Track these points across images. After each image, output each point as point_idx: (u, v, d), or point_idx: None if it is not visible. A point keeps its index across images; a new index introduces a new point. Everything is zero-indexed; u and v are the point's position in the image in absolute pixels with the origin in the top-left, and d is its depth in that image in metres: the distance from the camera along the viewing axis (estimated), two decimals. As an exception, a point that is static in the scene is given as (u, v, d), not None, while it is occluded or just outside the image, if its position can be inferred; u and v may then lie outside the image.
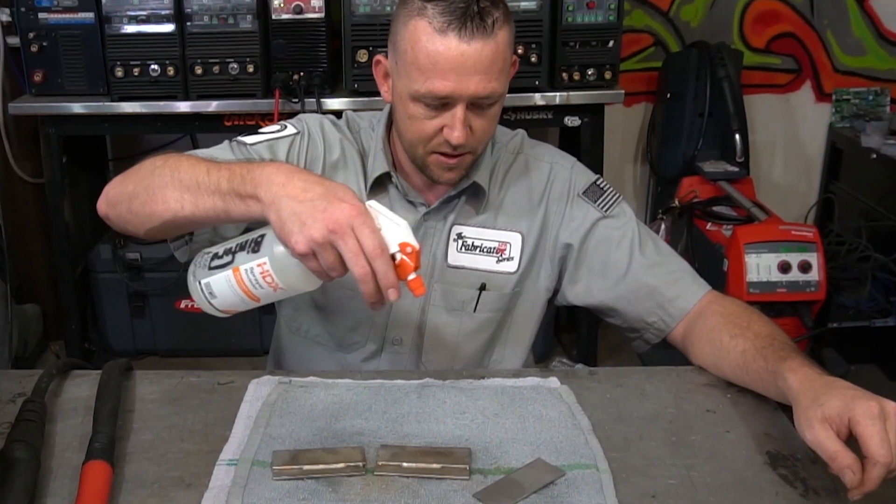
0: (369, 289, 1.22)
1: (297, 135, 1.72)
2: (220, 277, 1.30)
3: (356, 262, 1.20)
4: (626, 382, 1.53)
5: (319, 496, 1.19)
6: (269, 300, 1.32)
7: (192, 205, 1.37)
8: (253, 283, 1.28)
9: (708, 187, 3.65)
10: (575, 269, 1.76)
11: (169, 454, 1.30)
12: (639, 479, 1.26)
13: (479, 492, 1.21)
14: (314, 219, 1.21)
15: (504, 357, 1.82)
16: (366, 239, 1.20)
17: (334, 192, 1.24)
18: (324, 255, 1.22)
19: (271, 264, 1.26)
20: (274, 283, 1.27)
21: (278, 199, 1.25)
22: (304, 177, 1.27)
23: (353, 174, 1.73)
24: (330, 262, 1.23)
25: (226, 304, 1.33)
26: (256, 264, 1.27)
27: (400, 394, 1.45)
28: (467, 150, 1.61)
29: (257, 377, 1.50)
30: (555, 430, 1.36)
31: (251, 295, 1.29)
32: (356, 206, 1.22)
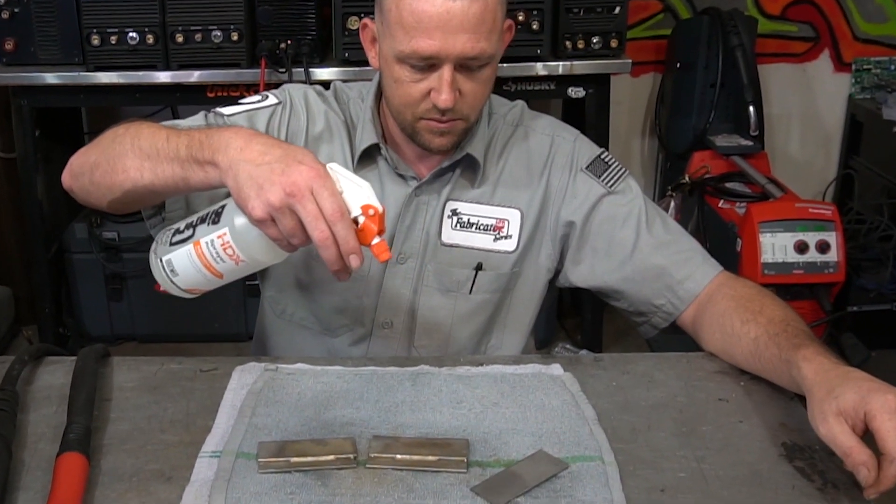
0: (330, 255, 1.23)
1: (279, 105, 1.72)
2: (181, 253, 1.31)
3: (315, 227, 1.21)
4: (633, 369, 1.53)
5: (308, 490, 1.19)
6: (234, 276, 1.32)
7: (151, 173, 1.39)
8: (214, 256, 1.28)
9: (720, 162, 3.65)
10: (578, 249, 1.76)
11: (148, 446, 1.30)
12: (647, 472, 1.26)
13: (477, 485, 1.21)
14: (272, 182, 1.22)
15: (502, 342, 1.82)
16: (325, 202, 1.21)
17: (293, 154, 1.25)
18: (283, 220, 1.23)
19: (231, 235, 1.27)
20: (235, 255, 1.28)
21: (235, 163, 1.26)
22: (263, 140, 1.29)
23: (338, 147, 1.73)
24: (289, 227, 1.23)
25: (189, 281, 1.34)
26: (217, 236, 1.28)
27: (393, 381, 1.45)
28: (458, 116, 1.60)
29: (242, 364, 1.50)
30: (557, 420, 1.36)
31: (213, 270, 1.30)
32: (315, 169, 1.23)
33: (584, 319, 3.70)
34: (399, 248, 1.73)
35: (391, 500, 1.17)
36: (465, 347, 1.78)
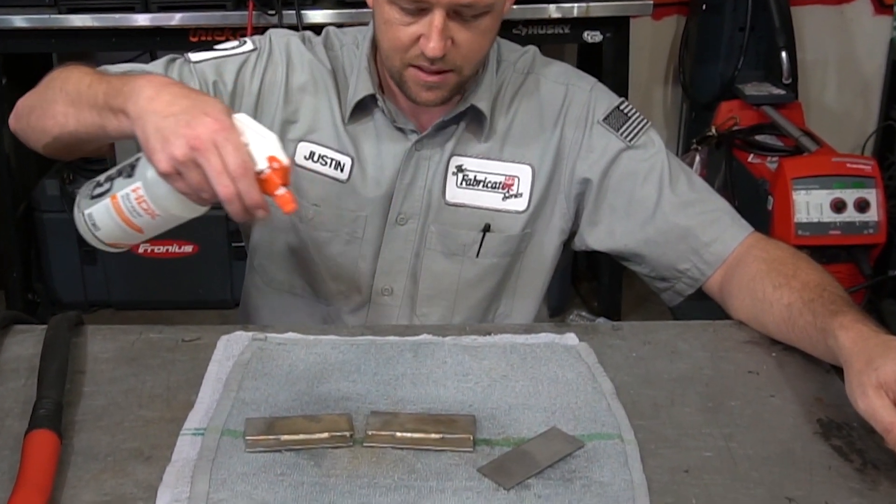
0: (235, 210, 1.26)
1: (253, 52, 1.73)
2: (100, 206, 1.36)
3: (219, 182, 1.24)
4: (655, 339, 1.53)
5: (300, 471, 1.19)
6: (154, 231, 1.37)
7: (74, 119, 1.46)
8: (131, 210, 1.33)
9: (750, 113, 3.65)
10: (595, 209, 1.75)
11: (125, 422, 1.30)
12: (669, 451, 1.26)
13: (484, 466, 1.21)
14: (176, 135, 1.25)
15: (512, 310, 1.82)
16: (229, 156, 1.24)
17: (201, 105, 1.28)
18: (188, 174, 1.26)
19: (145, 189, 1.31)
20: (150, 209, 1.32)
21: (143, 114, 1.30)
22: (174, 90, 1.32)
23: (324, 100, 1.73)
24: (195, 181, 1.26)
25: (110, 235, 1.38)
26: (131, 189, 1.32)
27: (393, 352, 1.45)
28: (449, 68, 1.59)
29: (227, 333, 1.50)
30: (572, 394, 1.36)
31: (132, 225, 1.34)
32: (220, 121, 1.26)
33: (602, 285, 3.71)
34: (399, 207, 1.73)
35: (391, 482, 1.17)
36: (471, 316, 1.79)
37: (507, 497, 1.15)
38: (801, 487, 1.20)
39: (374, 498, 1.14)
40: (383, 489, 1.16)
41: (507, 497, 1.15)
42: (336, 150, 1.72)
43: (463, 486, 1.17)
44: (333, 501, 1.13)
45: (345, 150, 1.72)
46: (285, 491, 1.15)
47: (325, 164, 1.72)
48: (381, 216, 1.73)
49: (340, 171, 1.71)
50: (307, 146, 1.72)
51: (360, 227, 1.73)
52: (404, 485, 1.17)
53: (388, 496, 1.14)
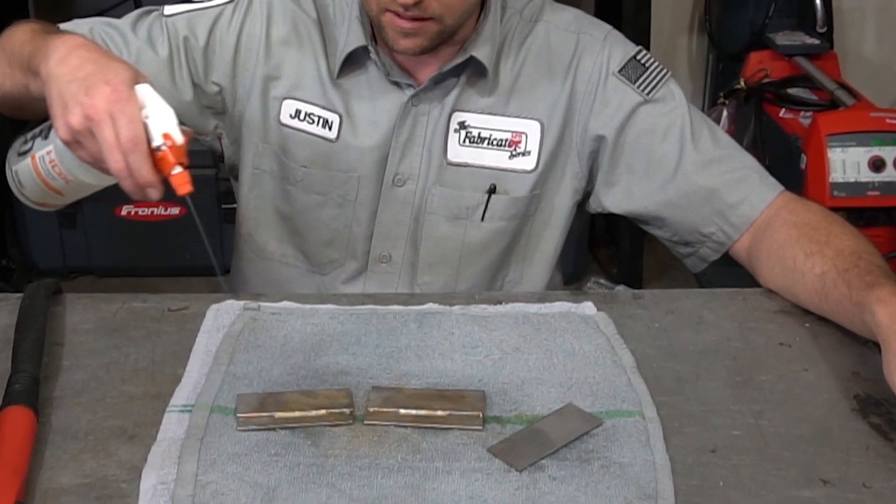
0: (128, 186, 1.29)
1: (230, 4, 1.74)
2: (24, 165, 1.41)
3: (110, 156, 1.26)
4: (679, 308, 1.54)
5: (295, 450, 1.19)
6: (73, 195, 1.41)
7: (10, 80, 1.50)
8: (47, 173, 1.37)
9: (781, 64, 3.63)
10: (611, 168, 1.75)
11: (107, 399, 1.30)
12: (695, 430, 1.26)
13: (494, 445, 1.21)
14: (75, 102, 1.28)
15: (522, 277, 1.82)
16: (122, 129, 1.26)
17: (104, 72, 1.30)
18: (86, 144, 1.29)
19: (56, 153, 1.36)
20: (63, 174, 1.36)
21: (50, 77, 1.33)
22: (83, 54, 1.34)
23: (309, 53, 1.73)
24: (94, 152, 1.29)
25: (34, 195, 1.43)
26: (46, 152, 1.37)
27: (396, 323, 1.45)
28: (428, 16, 1.58)
29: (217, 302, 1.51)
30: (590, 368, 1.36)
31: (50, 187, 1.39)
32: (117, 91, 1.27)
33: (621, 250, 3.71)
34: (395, 168, 1.73)
35: (393, 463, 1.17)
36: (476, 284, 1.79)
37: (519, 479, 1.15)
38: (836, 469, 1.20)
39: (376, 480, 1.14)
40: (385, 470, 1.16)
41: (519, 479, 1.15)
42: (323, 107, 1.72)
43: (471, 467, 1.17)
44: (332, 483, 1.13)
45: (332, 106, 1.72)
46: (280, 472, 1.14)
47: (311, 122, 1.72)
48: (376, 177, 1.73)
49: (329, 129, 1.71)
50: (292, 104, 1.72)
51: (352, 188, 1.73)
52: (408, 466, 1.17)
53: (391, 478, 1.14)
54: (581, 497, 1.12)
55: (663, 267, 3.80)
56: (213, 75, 1.72)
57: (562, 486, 1.14)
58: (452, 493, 1.12)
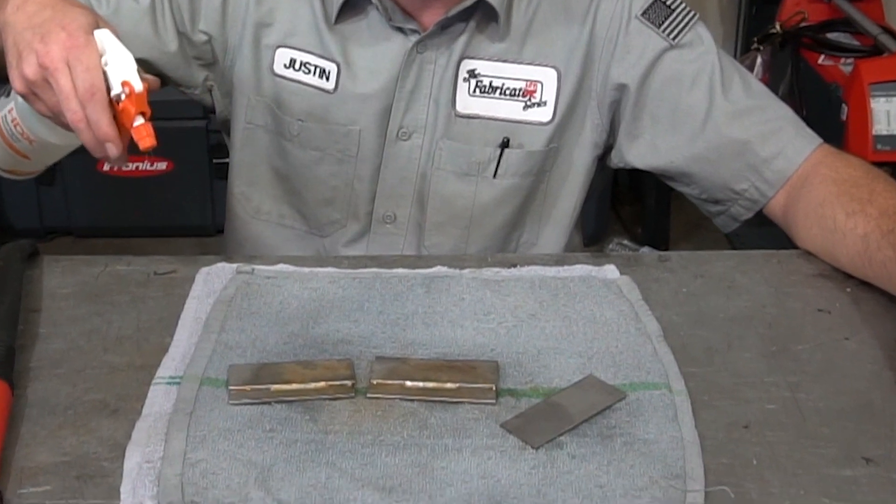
0: (86, 139, 1.30)
1: None
2: None
3: (66, 106, 1.27)
4: (710, 272, 1.54)
5: (292, 426, 1.19)
6: (41, 159, 1.44)
7: None
8: (10, 133, 1.39)
9: (820, 7, 3.62)
10: (634, 120, 1.76)
11: (88, 370, 1.30)
12: (726, 404, 1.26)
13: (508, 420, 1.20)
14: (29, 50, 1.30)
15: (538, 238, 1.83)
16: (78, 78, 1.27)
17: (60, 18, 1.31)
18: (43, 95, 1.30)
19: (18, 111, 1.38)
20: (25, 133, 1.38)
21: (6, 24, 1.35)
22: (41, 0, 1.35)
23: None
24: (51, 104, 1.30)
25: (2, 161, 1.45)
26: (8, 111, 1.39)
27: (402, 287, 1.45)
28: None
29: (208, 265, 1.51)
30: (612, 336, 1.36)
31: (16, 150, 1.40)
32: (74, 38, 1.29)
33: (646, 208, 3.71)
34: (400, 120, 1.73)
35: (399, 439, 1.17)
36: (489, 246, 1.79)
37: (535, 457, 1.14)
38: (880, 446, 1.19)
39: (380, 458, 1.14)
40: (390, 448, 1.15)
41: (535, 457, 1.14)
42: (319, 55, 1.72)
43: (483, 444, 1.16)
44: (332, 462, 1.13)
45: (329, 55, 1.72)
46: (275, 450, 1.14)
47: (307, 72, 1.72)
48: (379, 131, 1.73)
49: (326, 79, 1.71)
50: (286, 52, 1.73)
51: (353, 143, 1.73)
52: (415, 443, 1.16)
53: (396, 456, 1.14)
54: (602, 477, 1.11)
55: (691, 227, 3.81)
56: (201, 23, 1.72)
57: (581, 464, 1.13)
58: (463, 473, 1.12)
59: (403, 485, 1.09)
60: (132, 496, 1.07)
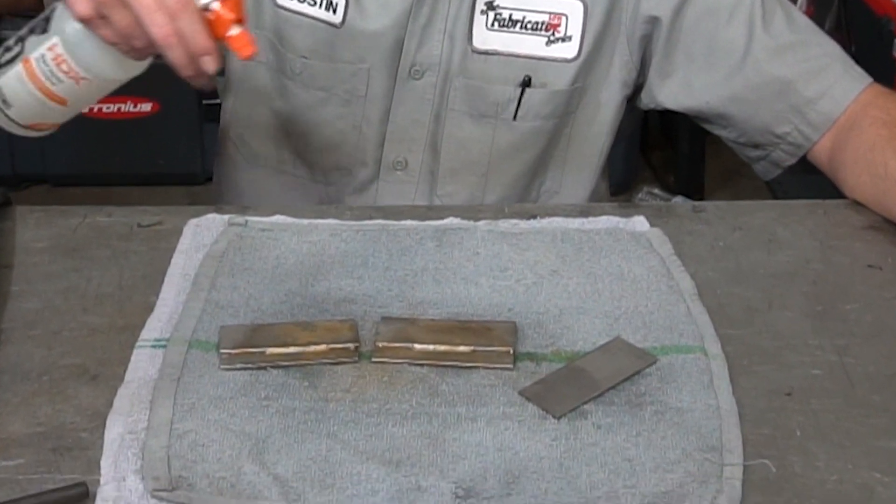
0: (177, 56, 1.24)
1: None
2: (11, 76, 1.34)
3: (153, 22, 1.22)
4: (749, 224, 1.54)
5: (290, 393, 1.19)
6: (81, 101, 1.36)
7: None
8: (48, 75, 1.31)
9: (871, -69, 3.60)
10: (666, 56, 1.75)
11: (65, 332, 1.30)
12: (767, 369, 1.26)
13: (527, 387, 1.20)
14: None
15: (561, 186, 1.83)
16: None
17: None
18: (115, 16, 1.24)
19: (64, 45, 1.30)
20: (73, 71, 1.30)
21: None
22: None
23: None
24: (123, 25, 1.24)
25: (26, 113, 1.37)
26: (47, 48, 1.31)
27: (410, 241, 1.46)
28: None
29: (197, 216, 1.51)
30: (641, 295, 1.36)
31: (52, 95, 1.33)
32: None
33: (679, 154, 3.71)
34: (412, 57, 1.72)
35: (407, 408, 1.17)
36: (507, 195, 1.79)
37: (556, 427, 1.14)
38: (937, 415, 1.20)
39: (386, 428, 1.14)
40: (398, 417, 1.15)
41: (556, 427, 1.14)
42: None
43: (500, 413, 1.16)
44: (333, 433, 1.13)
45: None
46: (271, 419, 1.14)
47: (312, 3, 1.71)
48: (389, 69, 1.73)
49: (332, 12, 1.71)
50: None
51: (361, 82, 1.73)
52: (424, 412, 1.16)
53: (404, 426, 1.14)
54: (631, 449, 1.11)
55: (729, 174, 3.81)
56: None
57: (608, 435, 1.13)
58: (477, 445, 1.11)
59: (412, 458, 1.09)
60: (113, 470, 1.07)
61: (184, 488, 1.05)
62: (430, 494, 1.05)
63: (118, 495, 1.04)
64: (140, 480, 1.05)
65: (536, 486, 1.06)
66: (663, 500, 1.05)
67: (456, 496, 1.04)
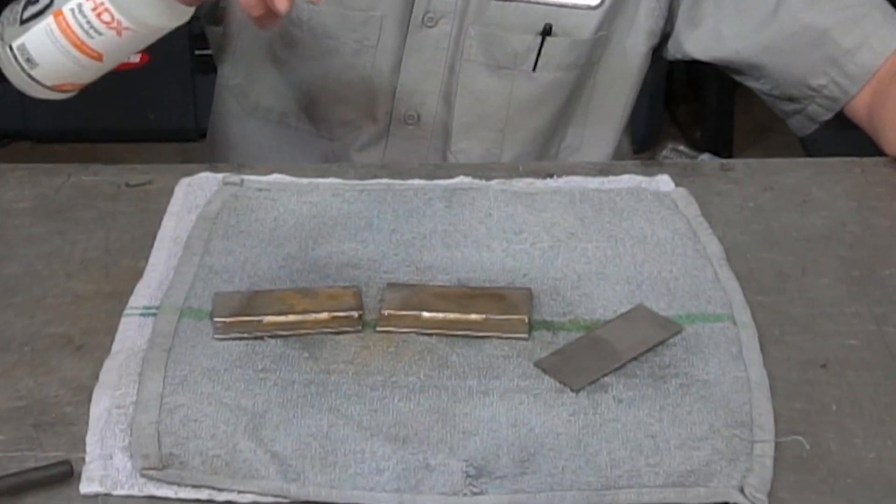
0: None
1: None
2: (37, 32, 1.34)
3: None
4: (781, 183, 1.54)
5: (288, 365, 1.19)
6: (118, 55, 1.37)
7: None
8: (85, 27, 1.31)
9: None
10: (695, 3, 1.75)
11: (48, 299, 1.30)
12: (800, 339, 1.26)
13: (543, 359, 1.20)
14: None
15: (582, 142, 1.83)
16: None
17: None
18: None
19: None
20: (115, 21, 1.30)
21: None
22: None
23: None
24: None
25: (54, 73, 1.38)
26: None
27: (418, 201, 1.46)
28: None
29: (189, 175, 1.51)
30: (666, 259, 1.36)
31: (87, 49, 1.33)
32: None
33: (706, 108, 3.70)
34: (426, 3, 1.73)
35: (414, 380, 1.17)
36: (526, 151, 1.80)
37: (574, 401, 1.14)
38: (983, 389, 1.20)
39: (392, 402, 1.14)
40: (404, 390, 1.15)
41: (574, 401, 1.14)
42: None
43: (514, 386, 1.16)
44: (335, 407, 1.13)
45: None
46: (268, 392, 1.14)
47: None
48: (402, 16, 1.73)
49: None
50: None
51: (372, 31, 1.73)
52: (433, 385, 1.16)
53: (411, 400, 1.14)
54: (654, 425, 1.11)
55: (760, 130, 3.80)
56: None
57: (629, 410, 1.13)
58: (490, 420, 1.11)
59: (419, 434, 1.09)
60: (100, 447, 1.07)
61: (175, 467, 1.05)
62: (439, 473, 1.04)
63: (105, 474, 1.04)
64: (128, 458, 1.06)
65: (553, 464, 1.06)
66: (689, 479, 1.04)
67: (467, 475, 1.04)
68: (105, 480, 1.03)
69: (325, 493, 1.03)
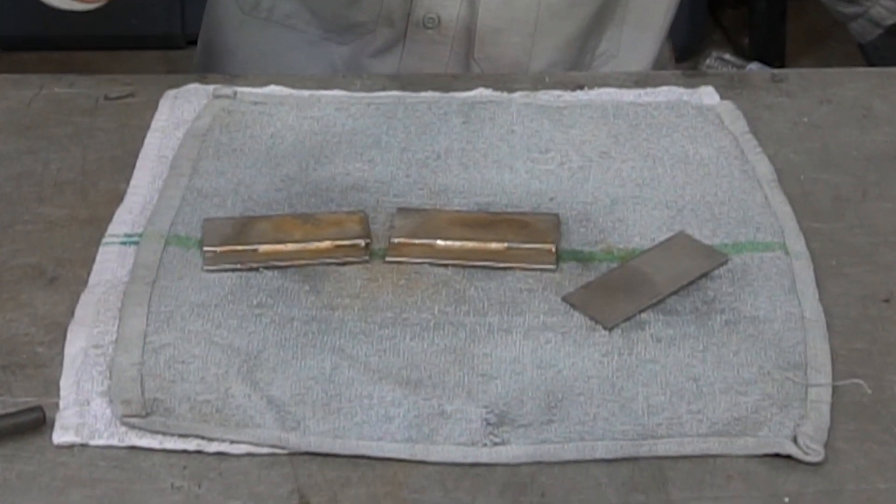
0: None
1: None
2: None
3: None
4: (839, 96, 1.54)
5: (286, 299, 1.19)
6: None
7: None
8: None
9: None
10: None
11: (17, 226, 1.31)
12: (859, 271, 1.26)
13: (573, 293, 1.20)
14: None
15: (619, 49, 1.82)
16: None
17: None
18: None
19: None
20: None
21: None
22: None
23: None
24: None
25: None
26: None
27: (432, 116, 1.46)
28: None
29: (175, 87, 1.51)
30: (710, 181, 1.36)
31: None
32: None
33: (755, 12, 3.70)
34: None
35: (428, 317, 1.17)
36: (558, 60, 1.78)
37: (607, 341, 1.14)
38: None
39: (403, 342, 1.14)
40: (416, 328, 1.15)
41: (607, 341, 1.14)
42: None
43: (539, 323, 1.16)
44: (339, 346, 1.13)
45: None
46: (264, 331, 1.14)
47: None
48: None
49: None
50: None
51: None
52: (449, 321, 1.16)
53: (424, 338, 1.14)
54: (697, 366, 1.11)
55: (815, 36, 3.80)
56: None
57: (669, 350, 1.13)
58: (512, 361, 1.12)
59: (433, 377, 1.10)
60: (75, 392, 1.07)
61: (160, 413, 1.05)
62: (456, 421, 1.05)
63: (81, 422, 1.04)
64: (107, 404, 1.06)
65: (583, 410, 1.06)
66: (735, 427, 1.05)
67: (487, 423, 1.04)
68: (81, 429, 1.04)
69: (328, 443, 1.03)
